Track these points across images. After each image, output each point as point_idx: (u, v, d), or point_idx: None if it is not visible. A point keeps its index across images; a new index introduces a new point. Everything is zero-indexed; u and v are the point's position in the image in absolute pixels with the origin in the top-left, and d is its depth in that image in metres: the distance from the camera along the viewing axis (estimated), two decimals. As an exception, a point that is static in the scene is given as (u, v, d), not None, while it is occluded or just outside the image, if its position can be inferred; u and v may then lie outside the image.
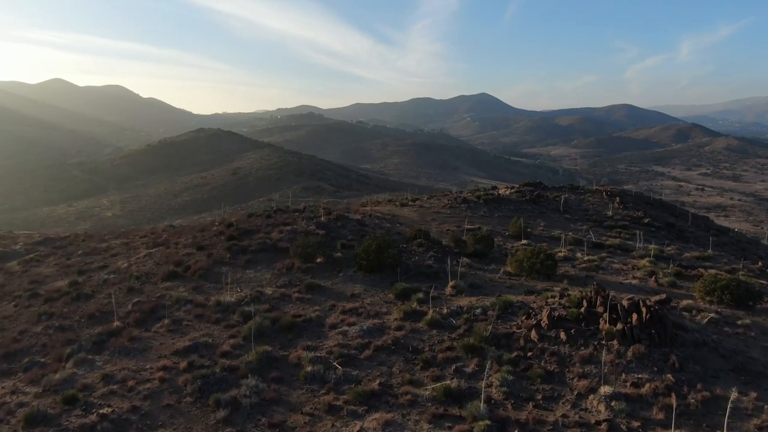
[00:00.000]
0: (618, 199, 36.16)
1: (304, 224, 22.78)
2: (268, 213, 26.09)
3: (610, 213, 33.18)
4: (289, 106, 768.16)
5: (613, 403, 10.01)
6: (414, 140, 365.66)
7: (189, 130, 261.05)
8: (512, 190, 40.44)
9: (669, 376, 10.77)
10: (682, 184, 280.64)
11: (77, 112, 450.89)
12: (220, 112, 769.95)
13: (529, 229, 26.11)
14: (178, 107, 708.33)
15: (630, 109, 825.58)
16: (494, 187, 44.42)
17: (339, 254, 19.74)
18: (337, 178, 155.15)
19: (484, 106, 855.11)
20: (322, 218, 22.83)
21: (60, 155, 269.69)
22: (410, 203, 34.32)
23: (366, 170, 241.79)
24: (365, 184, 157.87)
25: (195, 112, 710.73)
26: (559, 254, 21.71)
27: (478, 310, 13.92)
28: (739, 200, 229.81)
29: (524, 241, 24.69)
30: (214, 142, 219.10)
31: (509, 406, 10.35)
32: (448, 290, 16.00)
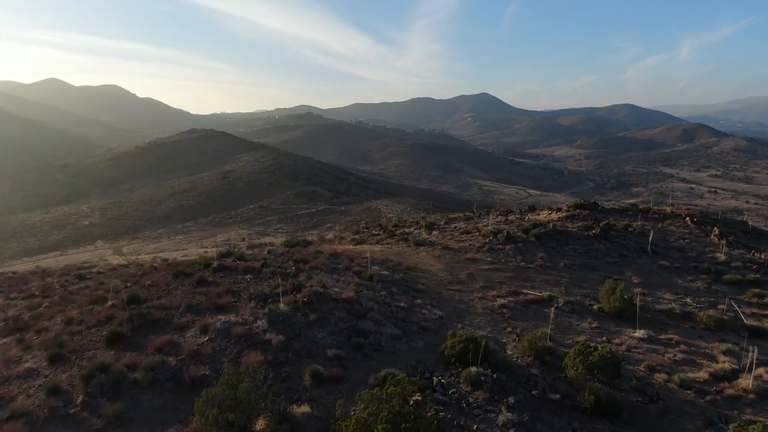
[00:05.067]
0: (716, 230, 25.65)
1: (250, 313, 12.25)
2: (201, 276, 15.49)
3: (721, 256, 22.68)
4: (288, 106, 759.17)
5: None
6: (415, 141, 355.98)
7: (185, 130, 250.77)
8: (561, 214, 29.91)
9: None
10: (693, 186, 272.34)
11: (71, 113, 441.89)
12: (218, 112, 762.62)
13: (630, 298, 15.59)
14: (175, 107, 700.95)
15: (632, 108, 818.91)
16: (532, 208, 33.85)
17: (305, 408, 9.20)
18: (334, 182, 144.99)
19: (485, 105, 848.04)
20: (282, 305, 12.11)
21: (49, 157, 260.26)
22: (427, 240, 23.81)
23: (366, 172, 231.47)
24: (365, 188, 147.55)
25: (193, 112, 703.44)
26: (741, 384, 11.15)
27: None
28: (755, 203, 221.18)
29: (641, 332, 14.16)
30: (206, 143, 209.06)
31: None
32: None
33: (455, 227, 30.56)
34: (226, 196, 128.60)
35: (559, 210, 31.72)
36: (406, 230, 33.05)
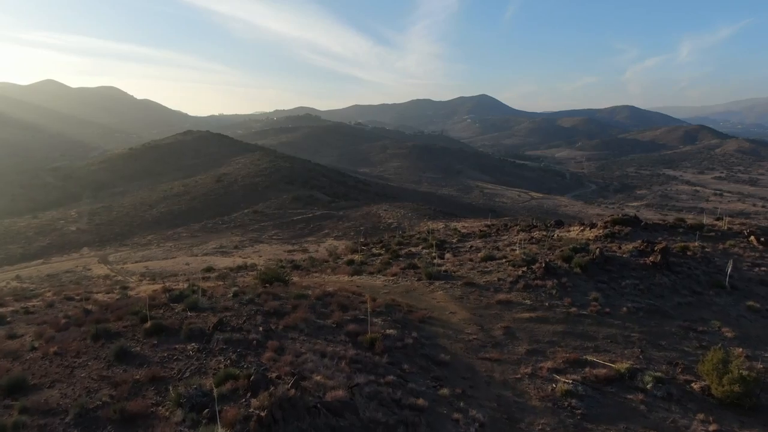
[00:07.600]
0: (795, 254, 20.82)
1: (177, 426, 7.23)
2: (122, 347, 10.52)
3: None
4: (286, 108, 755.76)
5: None
6: (414, 142, 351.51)
7: (180, 132, 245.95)
8: (597, 232, 24.98)
9: None
10: (698, 188, 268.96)
11: (68, 114, 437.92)
12: (216, 113, 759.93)
13: (754, 376, 10.67)
14: (174, 109, 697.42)
15: (632, 110, 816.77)
16: (560, 223, 28.90)
17: None
18: (332, 186, 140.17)
19: (484, 107, 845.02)
20: (220, 429, 7.07)
21: (43, 159, 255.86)
22: (441, 269, 18.86)
23: (365, 174, 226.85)
24: (363, 192, 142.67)
25: (191, 114, 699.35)
26: None
27: None
28: (763, 206, 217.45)
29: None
30: (202, 145, 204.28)
31: None
32: None
33: (471, 247, 25.62)
34: (220, 200, 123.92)
35: (593, 226, 26.74)
36: (413, 249, 28.09)
